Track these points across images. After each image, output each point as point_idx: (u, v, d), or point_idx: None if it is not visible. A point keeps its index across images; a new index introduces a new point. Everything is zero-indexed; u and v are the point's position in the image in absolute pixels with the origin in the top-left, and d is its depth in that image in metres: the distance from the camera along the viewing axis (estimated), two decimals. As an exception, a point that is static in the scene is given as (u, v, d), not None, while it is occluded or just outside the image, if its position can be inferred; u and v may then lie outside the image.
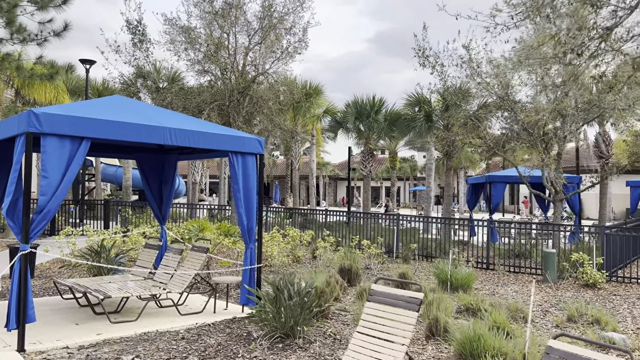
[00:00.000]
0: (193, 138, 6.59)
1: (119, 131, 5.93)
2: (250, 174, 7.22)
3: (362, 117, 18.74)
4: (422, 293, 3.92)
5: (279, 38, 14.48)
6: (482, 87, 12.70)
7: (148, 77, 16.69)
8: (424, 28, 13.35)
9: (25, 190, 5.28)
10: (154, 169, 9.01)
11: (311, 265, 11.75)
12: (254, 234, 7.27)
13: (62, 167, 5.47)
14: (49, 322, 6.37)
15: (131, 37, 14.41)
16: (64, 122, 5.47)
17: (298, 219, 17.32)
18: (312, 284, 5.83)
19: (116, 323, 6.41)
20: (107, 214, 17.34)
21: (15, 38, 12.62)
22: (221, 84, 14.39)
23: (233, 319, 6.84)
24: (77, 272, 10.18)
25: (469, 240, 15.61)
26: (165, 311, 7.18)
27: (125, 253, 10.14)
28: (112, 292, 6.49)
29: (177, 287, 7.05)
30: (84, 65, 19.83)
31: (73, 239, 11.68)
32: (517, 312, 7.23)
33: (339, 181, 64.04)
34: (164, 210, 9.10)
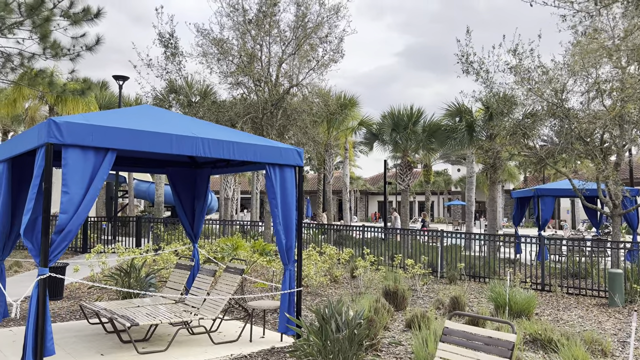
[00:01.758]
0: (228, 149, 6.01)
1: (147, 142, 5.39)
2: (289, 187, 6.59)
3: (399, 128, 17.98)
4: (514, 334, 3.16)
5: (313, 48, 13.96)
6: (532, 94, 11.81)
7: (180, 91, 16.44)
8: (467, 32, 12.59)
9: (45, 207, 4.76)
10: (186, 184, 8.50)
11: (351, 286, 11.00)
12: (293, 254, 6.61)
13: (84, 181, 4.95)
14: (72, 351, 5.83)
15: (163, 50, 14.15)
16: (87, 131, 4.96)
17: (333, 235, 16.62)
18: (361, 314, 5.10)
19: (144, 353, 5.81)
20: (139, 231, 17.02)
21: (47, 53, 12.47)
22: (254, 96, 13.92)
23: (271, 349, 6.15)
24: (106, 292, 9.71)
25: (517, 258, 14.58)
26: (197, 339, 6.56)
27: (157, 273, 9.62)
28: (140, 319, 5.91)
29: (210, 312, 6.42)
30: (117, 81, 19.79)
31: (104, 257, 11.28)
32: (594, 344, 6.31)
33: (370, 196, 63.04)
34: (196, 228, 8.56)
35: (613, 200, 12.17)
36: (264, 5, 13.21)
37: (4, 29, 12.00)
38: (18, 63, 12.46)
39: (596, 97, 11.92)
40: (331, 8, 13.82)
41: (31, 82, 13.10)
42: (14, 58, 12.59)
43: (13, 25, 12.07)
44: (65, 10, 12.40)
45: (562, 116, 11.92)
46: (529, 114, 14.06)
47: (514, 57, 12.29)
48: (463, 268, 12.11)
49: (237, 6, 13.33)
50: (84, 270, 12.17)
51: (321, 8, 13.86)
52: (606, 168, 11.76)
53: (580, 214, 42.51)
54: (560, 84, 11.60)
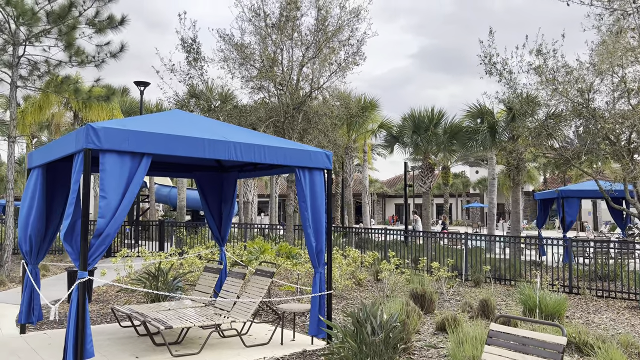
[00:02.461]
0: (259, 152, 6.05)
1: (182, 147, 5.45)
2: (319, 190, 6.60)
3: (419, 130, 17.90)
4: (564, 337, 3.12)
5: (334, 51, 13.98)
6: (557, 94, 11.67)
7: (201, 96, 16.59)
8: (490, 33, 12.49)
9: (84, 212, 4.84)
10: (213, 188, 8.57)
11: (375, 289, 10.96)
12: (323, 257, 6.61)
13: (121, 186, 5.02)
14: (108, 354, 5.90)
15: (186, 55, 14.30)
16: (123, 137, 5.03)
17: (354, 238, 16.58)
18: (396, 317, 5.08)
19: (178, 356, 5.86)
20: (162, 235, 17.19)
21: (74, 60, 12.70)
22: (276, 100, 13.98)
23: (303, 352, 6.16)
24: (134, 296, 9.82)
25: (541, 260, 14.39)
26: (229, 342, 6.59)
27: (183, 276, 9.70)
28: (173, 322, 5.97)
29: (241, 315, 6.46)
30: (139, 87, 20.05)
31: (129, 261, 11.41)
32: (631, 347, 6.20)
33: (387, 199, 62.82)
34: (224, 231, 8.61)
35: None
36: (285, 9, 13.28)
37: (31, 37, 12.25)
38: (45, 70, 12.70)
39: (622, 97, 11.74)
40: (352, 11, 13.84)
41: (57, 89, 13.35)
42: (40, 66, 12.85)
43: (40, 34, 12.32)
44: (90, 19, 12.62)
45: (588, 116, 11.75)
46: (553, 115, 13.90)
47: (537, 58, 12.16)
48: (489, 271, 11.98)
49: (258, 11, 13.43)
50: (110, 275, 12.32)
51: (341, 11, 13.89)
52: (634, 168, 11.56)
53: (602, 215, 41.82)
54: (586, 83, 11.45)
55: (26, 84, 12.82)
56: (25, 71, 12.60)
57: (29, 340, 6.52)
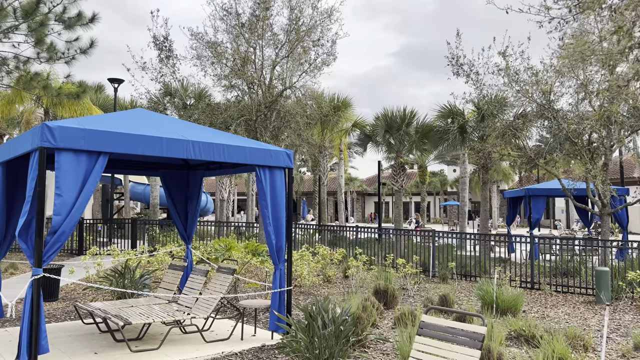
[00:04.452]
0: (218, 152, 6.16)
1: (139, 145, 5.54)
2: (279, 189, 6.74)
3: (392, 130, 18.15)
4: (484, 327, 3.32)
5: (306, 51, 14.12)
6: (521, 95, 12.01)
7: (175, 94, 16.57)
8: (457, 35, 12.78)
9: (39, 209, 4.90)
10: (179, 186, 8.64)
11: (343, 286, 11.15)
12: (284, 254, 6.76)
13: (77, 184, 5.09)
14: (67, 350, 5.96)
15: (158, 53, 14.28)
16: (79, 135, 5.10)
17: (327, 236, 16.77)
18: (348, 311, 5.26)
19: (137, 352, 5.95)
20: (134, 233, 17.13)
21: (42, 57, 12.60)
22: (248, 98, 14.07)
23: (262, 347, 6.30)
24: (101, 294, 9.84)
25: (509, 257, 14.75)
26: (190, 338, 6.70)
27: (151, 273, 9.76)
28: (133, 318, 6.05)
29: (202, 311, 6.57)
30: (112, 84, 19.92)
31: (99, 259, 11.40)
32: (576, 339, 6.48)
33: (367, 197, 63.25)
34: (190, 229, 8.69)
35: (602, 200, 12.36)
36: (257, 9, 13.37)
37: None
38: (14, 66, 12.58)
39: (584, 99, 12.13)
40: (324, 12, 13.99)
41: (27, 85, 13.21)
42: (9, 62, 12.71)
43: (8, 30, 12.20)
44: (59, 15, 12.54)
45: (550, 117, 12.12)
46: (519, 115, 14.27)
47: (503, 59, 12.49)
48: (454, 267, 12.27)
49: (230, 10, 13.49)
50: (80, 272, 12.28)
51: (314, 12, 14.03)
52: (594, 168, 11.96)
53: (574, 213, 42.75)
54: (548, 85, 11.80)
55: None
56: (-8, 67, 12.46)
57: (-11, 337, 6.54)
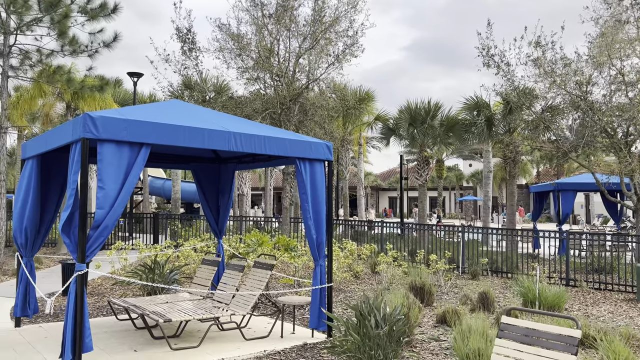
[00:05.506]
0: (259, 143, 5.94)
1: (181, 137, 5.33)
2: (319, 182, 6.51)
3: (416, 123, 17.80)
4: (578, 330, 3.06)
5: (330, 42, 13.84)
6: (555, 86, 11.64)
7: (195, 87, 16.41)
8: (488, 25, 12.42)
9: (82, 203, 4.72)
10: (211, 180, 8.45)
11: (373, 282, 10.92)
12: (324, 249, 6.54)
13: (120, 177, 4.90)
14: (106, 347, 5.80)
15: (181, 45, 14.10)
16: (122, 126, 4.91)
17: (349, 231, 16.54)
18: (399, 310, 5.02)
19: (177, 350, 5.77)
20: (156, 228, 17.05)
21: (66, 50, 12.48)
22: (272, 91, 13.84)
23: (304, 345, 6.09)
24: (130, 289, 9.71)
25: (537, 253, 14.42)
26: (228, 335, 6.51)
27: (179, 269, 9.60)
28: (172, 315, 5.88)
29: (240, 308, 6.37)
30: (132, 78, 19.81)
31: (124, 253, 11.30)
32: (632, 339, 6.19)
33: (381, 192, 62.86)
34: (221, 223, 8.52)
35: (638, 194, 11.98)
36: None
37: (22, 25, 12.01)
38: (37, 60, 12.47)
39: (619, 89, 11.73)
40: (349, 2, 13.69)
41: (49, 79, 13.12)
42: (32, 55, 12.61)
43: (31, 22, 12.08)
44: (82, 6, 12.40)
45: (585, 109, 11.74)
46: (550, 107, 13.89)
47: (535, 49, 12.12)
48: (486, 263, 11.97)
49: (256, 0, 13.25)
50: (105, 267, 12.18)
51: (339, 2, 13.74)
52: (631, 161, 11.57)
53: (595, 208, 42.08)
54: (584, 76, 11.42)
55: (17, 74, 12.58)
56: (16, 61, 12.37)
57: (25, 333, 6.41)
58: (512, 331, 3.29)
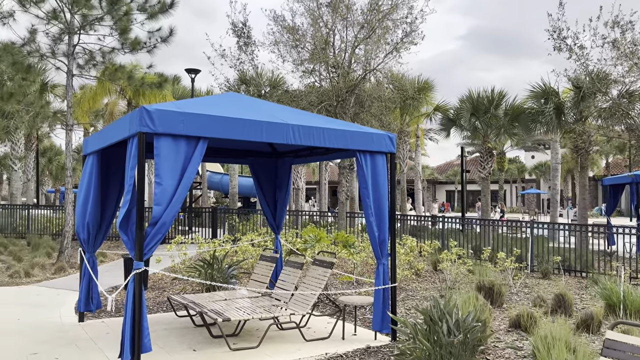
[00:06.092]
0: (318, 136, 5.64)
1: (238, 130, 5.11)
2: (381, 176, 6.14)
3: (479, 112, 16.96)
4: None
5: (388, 31, 13.34)
6: (637, 69, 10.64)
7: (250, 82, 16.37)
8: (560, 5, 11.53)
9: (139, 199, 4.60)
10: (267, 174, 8.26)
11: (437, 280, 10.43)
12: (387, 247, 6.17)
13: (177, 172, 4.74)
14: (165, 346, 5.71)
15: (236, 40, 14.06)
16: (178, 120, 4.74)
17: (406, 226, 16.02)
18: (474, 316, 4.59)
19: (237, 350, 5.59)
20: (215, 222, 17.22)
21: (126, 47, 12.68)
22: (328, 83, 13.54)
23: (367, 348, 5.77)
24: (189, 283, 9.73)
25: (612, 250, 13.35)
26: (287, 335, 6.28)
27: (238, 265, 9.52)
28: (231, 314, 5.71)
29: (300, 307, 6.12)
30: (190, 74, 20.08)
31: (184, 248, 11.39)
32: None
33: (437, 185, 61.33)
34: (279, 219, 8.32)
35: None
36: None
37: (86, 25, 12.30)
38: (100, 59, 12.76)
39: None
40: (407, -12, 13.13)
41: (112, 76, 13.42)
42: (96, 54, 12.91)
43: (94, 21, 12.35)
44: (142, 4, 12.55)
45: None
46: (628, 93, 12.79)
47: (612, 30, 11.14)
48: (559, 261, 11.17)
49: (311, -10, 12.97)
50: (165, 261, 12.35)
51: (396, -12, 13.22)
52: None
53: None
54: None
55: (82, 73, 12.94)
56: (81, 60, 12.70)
57: (88, 329, 6.45)
58: (621, 349, 2.80)
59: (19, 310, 7.54)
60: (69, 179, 12.41)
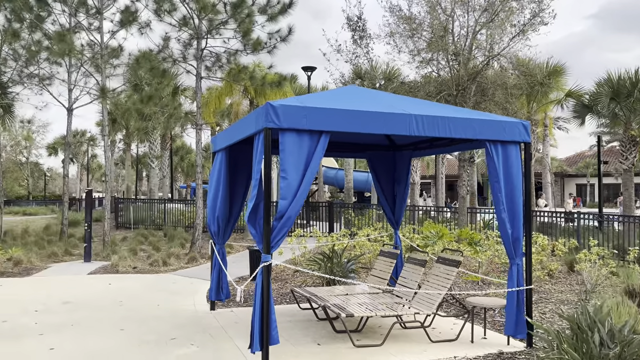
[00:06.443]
0: (444, 126, 5.33)
1: (359, 123, 4.99)
2: (514, 168, 5.65)
3: (619, 97, 15.17)
4: None
5: (513, 12, 12.41)
6: None
7: (365, 76, 16.26)
8: None
9: (266, 194, 4.68)
10: (386, 168, 8.08)
11: (573, 283, 9.50)
12: (521, 246, 5.67)
13: (301, 166, 4.75)
14: (290, 338, 5.80)
15: (351, 34, 14.02)
16: (301, 114, 4.74)
17: (536, 223, 14.84)
18: (631, 326, 4.01)
19: (360, 347, 5.51)
20: (331, 216, 17.44)
21: (248, 48, 13.24)
22: (447, 72, 12.96)
23: (500, 354, 5.35)
24: (310, 276, 9.89)
25: None
26: (411, 334, 6.06)
27: (356, 259, 9.47)
28: (354, 309, 5.63)
29: (424, 306, 5.87)
30: (306, 72, 20.52)
31: (303, 241, 11.63)
32: None
33: (566, 178, 56.44)
34: (398, 213, 8.10)
35: None
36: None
37: (212, 29, 13.05)
38: (225, 61, 13.48)
39: None
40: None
41: (236, 77, 14.11)
42: (221, 57, 13.67)
43: (219, 26, 13.06)
44: (262, 7, 13.01)
45: None
46: None
47: None
48: None
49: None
50: (286, 254, 12.72)
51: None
52: None
53: None
54: None
55: (209, 75, 13.77)
56: (208, 62, 13.52)
57: (218, 317, 6.80)
58: None
59: (158, 297, 8.20)
60: (199, 175, 13.29)
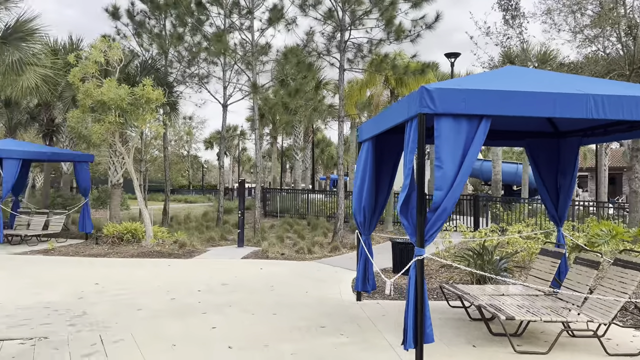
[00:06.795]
0: (629, 107, 4.56)
1: (524, 105, 4.48)
2: None
3: None
4: None
5: None
6: None
7: (515, 60, 15.04)
8: None
9: (419, 184, 4.43)
10: (547, 157, 7.30)
11: None
12: None
13: (458, 155, 4.40)
14: (442, 338, 5.49)
15: (503, 14, 13.02)
16: (459, 98, 4.38)
17: None
18: None
19: (522, 353, 5.01)
20: (476, 211, 16.51)
21: (391, 36, 12.99)
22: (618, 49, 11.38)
23: (700, 379, 4.47)
24: (456, 273, 9.40)
25: None
26: (580, 344, 5.37)
27: (510, 257, 8.76)
28: (513, 311, 5.14)
29: (598, 314, 5.14)
30: (449, 59, 19.62)
31: (447, 235, 11.11)
32: None
33: None
34: (561, 209, 7.29)
35: None
36: None
37: (355, 20, 13.03)
38: (367, 51, 13.40)
39: None
40: None
41: (378, 67, 13.96)
42: (363, 47, 13.61)
43: (362, 16, 12.99)
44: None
45: None
46: None
47: None
48: None
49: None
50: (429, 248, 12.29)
51: None
52: None
53: None
54: None
55: (352, 67, 13.80)
56: (350, 54, 13.56)
57: (365, 308, 6.72)
58: None
59: (306, 283, 8.41)
60: (340, 167, 13.42)
